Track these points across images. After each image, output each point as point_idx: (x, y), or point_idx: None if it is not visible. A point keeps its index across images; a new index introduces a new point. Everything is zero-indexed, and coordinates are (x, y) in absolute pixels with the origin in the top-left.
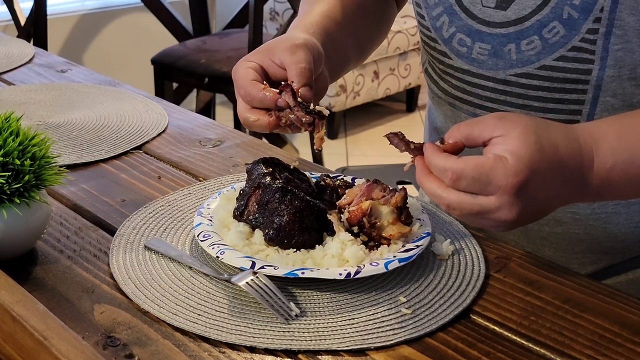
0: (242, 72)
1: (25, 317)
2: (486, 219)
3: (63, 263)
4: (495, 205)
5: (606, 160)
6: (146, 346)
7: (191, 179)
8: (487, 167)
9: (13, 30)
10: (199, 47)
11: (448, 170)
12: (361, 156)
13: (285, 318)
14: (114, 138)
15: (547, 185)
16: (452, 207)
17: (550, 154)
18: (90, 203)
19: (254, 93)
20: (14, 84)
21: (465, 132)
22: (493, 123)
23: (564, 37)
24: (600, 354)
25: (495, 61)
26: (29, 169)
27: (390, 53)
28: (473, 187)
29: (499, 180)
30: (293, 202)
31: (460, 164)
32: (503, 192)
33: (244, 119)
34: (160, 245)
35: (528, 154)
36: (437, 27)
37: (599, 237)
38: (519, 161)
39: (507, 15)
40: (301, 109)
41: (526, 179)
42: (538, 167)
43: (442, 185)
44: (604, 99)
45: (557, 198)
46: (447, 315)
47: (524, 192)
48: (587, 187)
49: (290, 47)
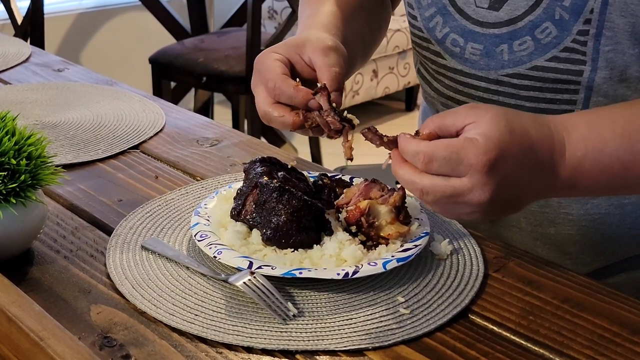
0: (270, 64)
1: (21, 318)
2: (460, 203)
3: (59, 263)
4: (467, 186)
5: (577, 148)
6: (143, 347)
7: (188, 179)
8: (457, 146)
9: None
10: (197, 46)
11: (420, 153)
12: (360, 156)
13: (282, 318)
14: (110, 137)
15: (519, 166)
16: (425, 191)
17: (521, 137)
18: (86, 203)
19: (285, 89)
20: (11, 83)
21: (439, 123)
22: (465, 112)
23: (556, 38)
24: (599, 353)
25: (487, 61)
26: (25, 169)
27: (390, 52)
28: (445, 168)
29: (469, 159)
30: (291, 201)
31: (431, 145)
32: (475, 171)
33: (265, 113)
34: (157, 245)
35: (497, 134)
36: (430, 28)
37: (593, 238)
38: (489, 140)
39: (500, 15)
40: (335, 114)
41: (496, 157)
42: (508, 146)
43: (415, 171)
44: (596, 99)
45: (530, 185)
46: (445, 315)
47: (496, 171)
48: (560, 176)
49: (323, 49)
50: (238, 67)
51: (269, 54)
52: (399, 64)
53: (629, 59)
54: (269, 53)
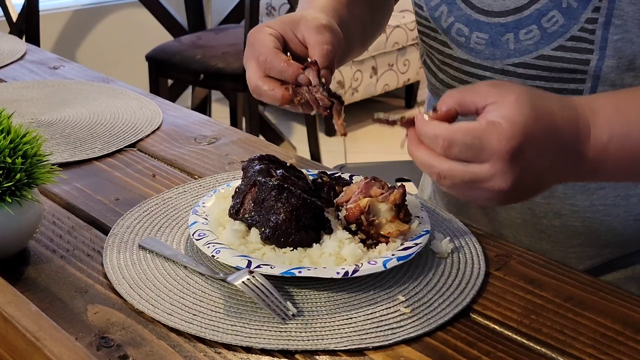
0: (263, 38)
1: (17, 318)
2: (478, 189)
3: (56, 263)
4: (488, 173)
5: (603, 132)
6: (140, 347)
7: (186, 177)
8: (479, 131)
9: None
10: (194, 43)
11: (439, 137)
12: (360, 153)
13: (282, 318)
14: (107, 135)
15: (542, 153)
16: (443, 175)
17: (546, 121)
18: (83, 202)
19: (276, 62)
20: (6, 81)
21: (458, 99)
22: (486, 90)
23: (562, 27)
24: (601, 352)
25: (493, 51)
26: (20, 167)
27: (389, 48)
28: (466, 153)
29: (492, 145)
30: (289, 200)
31: (452, 130)
32: (497, 159)
33: (255, 86)
34: (155, 244)
35: (522, 119)
36: (435, 17)
37: (598, 230)
38: (513, 126)
39: (506, 4)
40: (323, 90)
41: (520, 145)
42: (533, 132)
43: (433, 154)
44: (603, 88)
45: (552, 171)
46: (446, 314)
47: (519, 158)
48: (583, 160)
49: (317, 27)
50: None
51: (263, 29)
52: (398, 60)
53: (637, 47)
54: (263, 27)
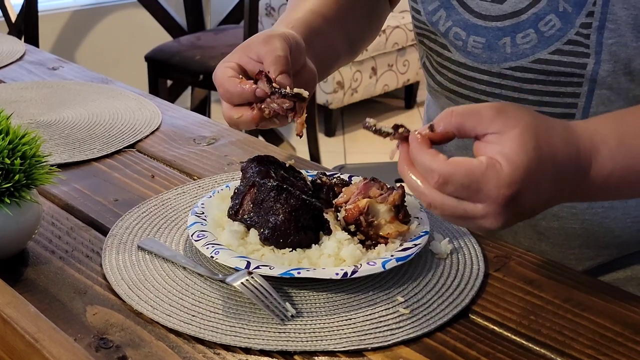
0: (220, 74)
1: (16, 319)
2: (468, 222)
3: (55, 264)
4: (480, 214)
5: (604, 167)
6: (139, 348)
7: (185, 178)
8: (478, 174)
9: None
10: (194, 44)
11: (435, 172)
12: (359, 154)
13: (281, 319)
14: (106, 136)
15: (539, 194)
16: (433, 206)
17: (548, 163)
18: (82, 203)
19: (232, 88)
20: (4, 82)
21: (458, 122)
22: (490, 116)
23: (559, 31)
24: (601, 353)
25: (490, 54)
26: (19, 168)
27: (389, 49)
28: (461, 193)
29: (490, 190)
30: (288, 200)
31: (450, 168)
32: (492, 203)
33: (229, 119)
34: (154, 245)
35: (525, 162)
36: (433, 22)
37: (596, 232)
38: (514, 171)
39: (504, 8)
40: (278, 94)
41: (518, 191)
42: (532, 176)
43: (425, 183)
44: (600, 92)
45: (545, 205)
46: (445, 315)
47: (514, 204)
48: (580, 192)
49: (265, 39)
50: None
51: (220, 65)
52: (398, 61)
53: (632, 51)
54: (221, 64)
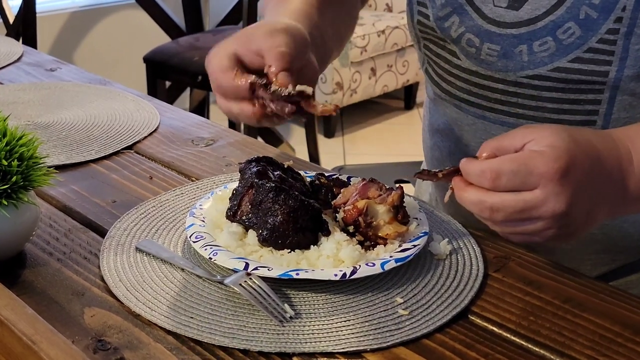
0: (215, 62)
1: (14, 321)
2: (533, 218)
3: (52, 266)
4: (541, 198)
5: None
6: (138, 350)
7: (183, 179)
8: (525, 157)
9: (1, 28)
10: (192, 45)
11: (486, 171)
12: (359, 155)
13: (279, 320)
14: (104, 138)
15: (589, 175)
16: (495, 208)
17: (587, 147)
18: (80, 204)
19: (225, 82)
20: (2, 83)
21: (495, 145)
22: (522, 133)
23: (579, 39)
24: (600, 354)
25: (505, 63)
26: (16, 170)
27: (388, 49)
28: (514, 181)
29: (539, 169)
30: (287, 201)
31: (497, 160)
32: (547, 181)
33: (227, 111)
34: (152, 246)
35: (564, 144)
36: (444, 28)
37: (615, 237)
38: (556, 149)
39: (519, 15)
40: (278, 99)
41: (567, 164)
42: (576, 155)
43: (481, 190)
44: (621, 98)
45: (602, 197)
46: (444, 316)
47: (568, 178)
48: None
49: (269, 32)
50: None
51: (216, 52)
52: (397, 61)
53: None
54: (216, 49)
